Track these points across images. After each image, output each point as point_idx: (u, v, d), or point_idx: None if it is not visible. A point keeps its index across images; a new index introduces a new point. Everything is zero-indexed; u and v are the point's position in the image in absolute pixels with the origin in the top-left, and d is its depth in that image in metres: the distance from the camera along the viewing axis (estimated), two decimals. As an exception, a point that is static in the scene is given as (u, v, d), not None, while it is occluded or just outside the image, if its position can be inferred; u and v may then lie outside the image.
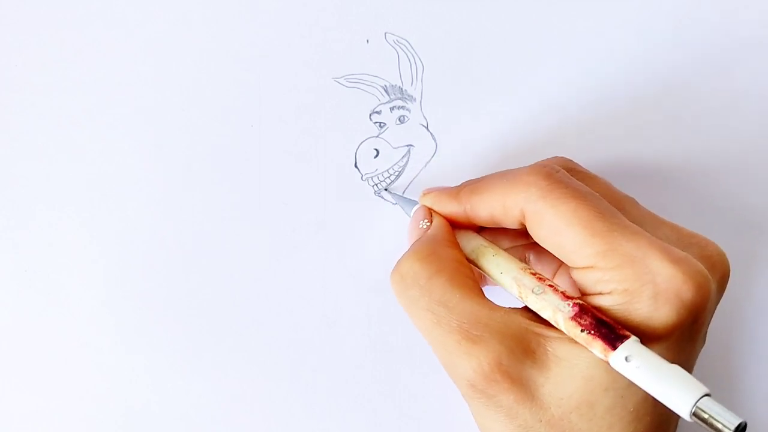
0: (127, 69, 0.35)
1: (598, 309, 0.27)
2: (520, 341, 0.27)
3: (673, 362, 0.25)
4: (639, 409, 0.27)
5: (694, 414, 0.23)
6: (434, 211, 0.32)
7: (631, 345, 0.25)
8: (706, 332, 0.29)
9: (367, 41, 0.35)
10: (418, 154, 0.36)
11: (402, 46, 0.35)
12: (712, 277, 0.28)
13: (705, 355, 0.30)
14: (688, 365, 0.28)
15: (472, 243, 0.31)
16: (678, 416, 0.29)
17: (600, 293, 0.27)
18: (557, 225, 0.27)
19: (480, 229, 0.32)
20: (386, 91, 0.35)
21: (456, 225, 0.32)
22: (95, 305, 0.34)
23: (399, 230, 0.35)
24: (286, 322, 0.35)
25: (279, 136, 0.35)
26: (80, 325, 0.34)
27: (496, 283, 0.30)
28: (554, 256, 0.28)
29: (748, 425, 0.23)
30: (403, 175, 0.36)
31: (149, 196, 0.35)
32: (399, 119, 0.36)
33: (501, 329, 0.27)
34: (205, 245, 0.35)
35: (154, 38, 0.35)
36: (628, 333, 0.25)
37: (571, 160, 0.32)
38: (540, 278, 0.28)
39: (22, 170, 0.34)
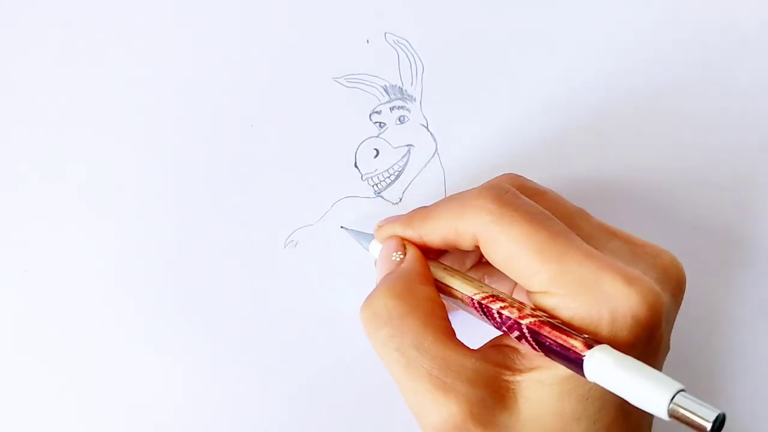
0: (127, 69, 0.35)
1: (563, 323, 0.27)
2: (491, 388, 0.27)
3: None
4: (611, 431, 0.27)
5: (671, 412, 0.23)
6: (408, 242, 0.31)
7: (602, 350, 0.25)
8: (668, 340, 0.29)
9: (367, 41, 0.35)
10: (418, 154, 0.36)
11: (402, 46, 0.35)
12: (667, 287, 0.28)
13: (671, 361, 0.30)
14: None
15: (433, 267, 0.31)
16: None
17: (559, 318, 0.27)
18: (510, 249, 0.27)
19: (440, 253, 0.32)
20: (386, 91, 0.36)
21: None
22: (95, 305, 0.34)
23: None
24: (286, 323, 0.35)
25: (279, 136, 0.35)
26: (80, 325, 0.34)
27: (460, 307, 0.30)
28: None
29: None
30: (403, 175, 0.36)
31: (149, 195, 0.35)
32: (399, 119, 0.36)
33: (471, 377, 0.27)
34: (204, 245, 0.35)
35: (154, 38, 0.35)
36: (596, 341, 0.25)
37: (520, 177, 0.32)
38: (502, 298, 0.28)
39: (22, 170, 0.34)
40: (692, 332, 0.36)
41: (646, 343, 0.26)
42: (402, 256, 0.31)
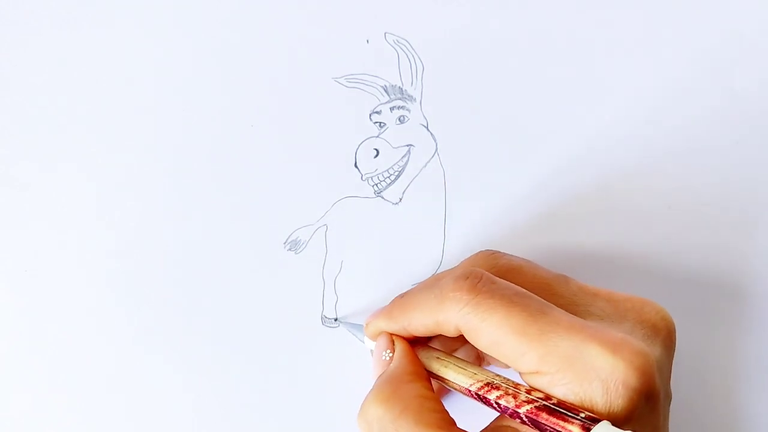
0: (127, 69, 0.35)
1: (560, 403, 0.27)
2: None
3: None
4: None
5: None
6: (396, 337, 0.31)
7: (603, 428, 0.25)
8: (667, 390, 0.29)
9: (367, 41, 0.35)
10: (418, 154, 0.36)
11: (402, 46, 0.35)
12: (657, 340, 0.28)
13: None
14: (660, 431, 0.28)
15: (426, 359, 0.31)
16: None
17: (554, 396, 0.27)
18: (494, 336, 0.27)
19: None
20: (386, 91, 0.36)
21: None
22: (95, 305, 0.34)
23: (400, 230, 0.35)
24: (286, 323, 0.35)
25: (279, 136, 0.35)
26: (80, 325, 0.34)
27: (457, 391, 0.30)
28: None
29: None
30: (403, 175, 0.36)
31: (149, 195, 0.35)
32: (399, 119, 0.36)
33: None
34: (204, 245, 0.35)
35: (153, 38, 0.35)
36: (596, 418, 0.25)
37: (494, 254, 0.32)
38: (497, 385, 0.28)
39: (22, 170, 0.34)
40: (688, 385, 0.36)
41: (644, 404, 0.26)
42: (391, 355, 0.31)
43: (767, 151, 0.37)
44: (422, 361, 0.31)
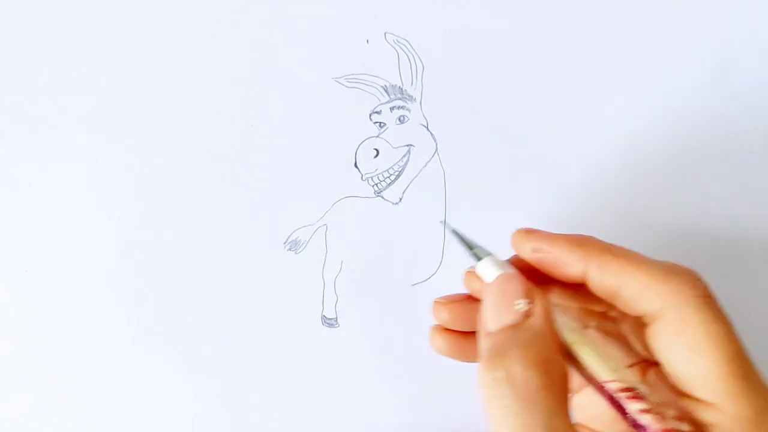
0: (128, 70, 0.35)
1: None
2: None
3: None
4: None
5: None
6: (536, 290, 0.26)
7: None
8: None
9: (367, 41, 0.35)
10: (418, 154, 0.36)
11: (402, 46, 0.35)
12: None
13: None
14: None
15: (568, 332, 0.26)
16: None
17: None
18: (697, 343, 0.24)
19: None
20: (386, 91, 0.36)
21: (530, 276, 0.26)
22: (95, 305, 0.34)
23: (400, 230, 0.35)
24: (286, 323, 0.35)
25: (279, 136, 0.35)
26: (80, 325, 0.34)
27: (591, 386, 0.25)
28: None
29: None
30: (403, 175, 0.36)
31: (149, 195, 0.35)
32: (399, 119, 0.36)
33: None
34: (204, 245, 0.35)
35: (154, 39, 0.35)
36: None
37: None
38: (642, 395, 0.24)
39: (22, 170, 0.34)
40: None
41: None
42: (528, 307, 0.25)
43: (767, 151, 0.37)
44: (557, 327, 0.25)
